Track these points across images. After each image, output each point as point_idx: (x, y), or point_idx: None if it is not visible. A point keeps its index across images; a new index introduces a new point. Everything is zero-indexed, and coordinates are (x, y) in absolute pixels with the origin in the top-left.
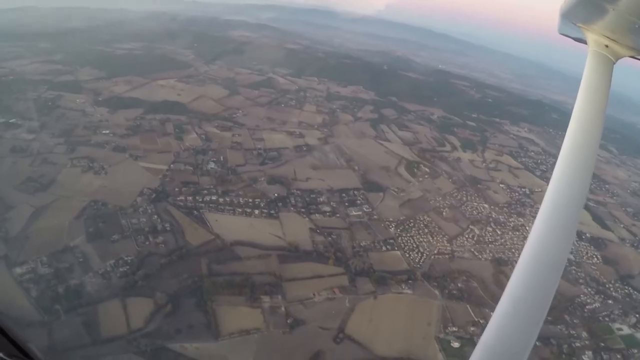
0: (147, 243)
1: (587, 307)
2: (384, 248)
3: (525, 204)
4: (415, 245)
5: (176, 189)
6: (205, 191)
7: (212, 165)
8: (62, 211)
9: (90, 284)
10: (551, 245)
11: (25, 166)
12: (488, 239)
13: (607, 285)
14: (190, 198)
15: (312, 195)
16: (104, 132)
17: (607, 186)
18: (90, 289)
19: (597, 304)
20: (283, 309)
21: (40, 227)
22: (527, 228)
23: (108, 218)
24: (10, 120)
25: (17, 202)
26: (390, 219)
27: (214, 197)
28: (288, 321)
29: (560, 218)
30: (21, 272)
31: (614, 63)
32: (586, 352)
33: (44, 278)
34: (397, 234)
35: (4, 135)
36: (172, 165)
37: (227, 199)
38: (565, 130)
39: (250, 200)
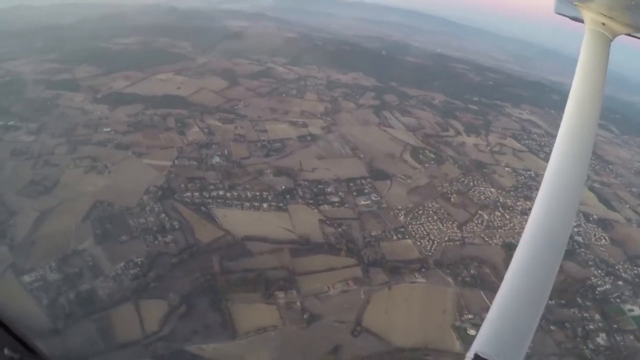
0: (157, 243)
1: (598, 289)
2: (394, 237)
3: (531, 187)
4: (425, 233)
5: (182, 185)
6: (212, 186)
7: (216, 159)
8: (67, 214)
9: (102, 288)
10: (553, 224)
11: (27, 169)
12: (497, 223)
13: (616, 267)
14: (197, 194)
15: (319, 186)
16: (105, 129)
17: (610, 166)
18: (102, 293)
19: (607, 286)
20: (298, 304)
21: (47, 232)
22: None
23: (115, 219)
24: (9, 123)
25: (20, 207)
26: (399, 207)
27: (220, 192)
28: (304, 316)
29: (561, 196)
30: (30, 280)
31: (611, 40)
32: (600, 335)
33: (54, 285)
34: (407, 222)
35: (3, 138)
36: (176, 161)
37: (234, 193)
38: None
39: (258, 193)
